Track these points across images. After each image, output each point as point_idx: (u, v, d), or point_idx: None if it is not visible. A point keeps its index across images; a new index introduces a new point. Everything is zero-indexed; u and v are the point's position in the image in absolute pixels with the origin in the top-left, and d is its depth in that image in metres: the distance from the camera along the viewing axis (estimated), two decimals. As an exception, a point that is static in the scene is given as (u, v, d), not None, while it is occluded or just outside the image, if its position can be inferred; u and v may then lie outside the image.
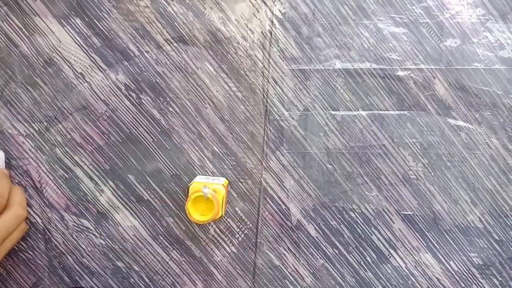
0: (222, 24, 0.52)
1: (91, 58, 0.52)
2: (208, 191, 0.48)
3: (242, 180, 0.55)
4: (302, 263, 0.56)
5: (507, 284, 0.56)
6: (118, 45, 0.52)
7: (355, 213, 0.55)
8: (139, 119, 0.53)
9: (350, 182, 0.54)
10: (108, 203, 0.55)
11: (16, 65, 0.52)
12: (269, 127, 0.54)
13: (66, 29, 0.52)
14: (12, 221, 0.47)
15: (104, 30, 0.52)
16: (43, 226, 0.55)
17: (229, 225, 0.56)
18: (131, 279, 0.57)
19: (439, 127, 0.53)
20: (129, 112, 0.53)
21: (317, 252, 0.56)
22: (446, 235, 0.55)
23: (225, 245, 0.56)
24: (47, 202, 0.55)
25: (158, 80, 0.53)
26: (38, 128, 0.53)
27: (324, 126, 0.53)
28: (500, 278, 0.56)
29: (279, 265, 0.56)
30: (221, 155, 0.54)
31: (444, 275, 0.56)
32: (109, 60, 0.52)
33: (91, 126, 0.54)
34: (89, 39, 0.52)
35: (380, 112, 0.53)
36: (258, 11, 0.51)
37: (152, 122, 0.53)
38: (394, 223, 0.55)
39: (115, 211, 0.55)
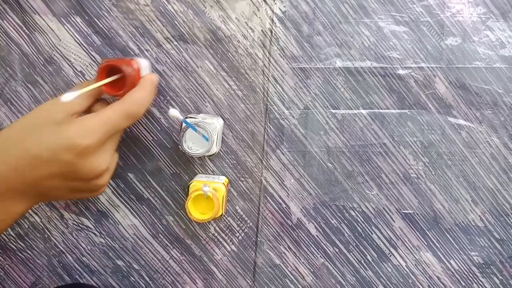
0: (222, 23, 0.51)
1: (91, 57, 0.52)
2: (208, 189, 0.48)
3: (242, 179, 0.55)
4: (303, 262, 0.56)
5: (508, 283, 0.56)
6: (118, 43, 0.52)
7: (356, 211, 0.55)
8: (139, 118, 0.53)
9: (350, 180, 0.54)
10: (108, 201, 0.55)
11: (16, 63, 0.52)
12: (269, 125, 0.54)
13: (66, 27, 0.52)
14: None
15: (104, 29, 0.52)
16: (43, 225, 0.55)
17: (229, 223, 0.55)
18: (131, 277, 0.56)
19: (439, 126, 0.53)
20: (129, 111, 0.53)
21: (318, 251, 0.56)
22: (447, 234, 0.55)
23: (225, 244, 0.56)
24: (47, 201, 0.55)
25: (158, 79, 0.52)
26: (38, 127, 0.53)
27: (325, 124, 0.53)
28: (500, 277, 0.56)
29: (279, 264, 0.56)
30: (221, 153, 0.54)
31: (445, 274, 0.56)
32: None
33: (91, 124, 0.53)
34: (89, 38, 0.52)
35: (380, 110, 0.53)
36: (258, 10, 0.51)
37: (152, 120, 0.53)
38: (394, 222, 0.55)
39: (115, 209, 0.55)
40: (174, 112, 0.44)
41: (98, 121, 0.41)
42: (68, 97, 0.39)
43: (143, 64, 0.48)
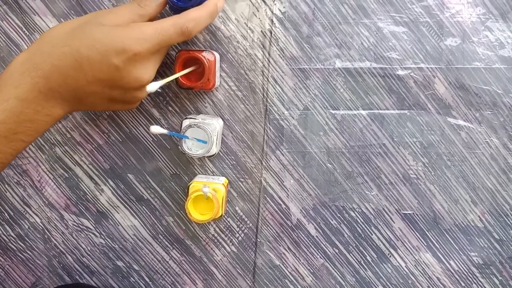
0: (222, 23, 0.51)
1: (91, 57, 0.52)
2: (208, 190, 0.48)
3: (242, 180, 0.55)
4: (302, 263, 0.56)
5: (507, 284, 0.56)
6: (118, 44, 0.52)
7: (355, 212, 0.55)
8: (139, 118, 0.53)
9: (350, 181, 0.54)
10: (108, 202, 0.55)
11: (15, 64, 0.52)
12: (269, 126, 0.54)
13: (66, 28, 0.52)
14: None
15: (104, 29, 0.52)
16: (43, 226, 0.55)
17: (229, 224, 0.55)
18: (131, 278, 0.56)
19: (439, 126, 0.53)
20: (129, 111, 0.53)
21: (317, 252, 0.56)
22: (446, 235, 0.55)
23: (225, 245, 0.56)
24: (46, 202, 0.55)
25: (157, 79, 0.52)
26: (38, 127, 0.53)
27: (324, 125, 0.53)
28: (500, 278, 0.56)
29: (279, 265, 0.56)
30: (221, 154, 0.54)
31: (444, 274, 0.56)
32: (109, 59, 0.52)
33: (91, 125, 0.53)
34: (89, 38, 0.52)
35: (380, 111, 0.53)
36: (258, 10, 0.51)
37: (152, 121, 0.53)
38: (394, 223, 0.55)
39: (115, 210, 0.55)
40: (155, 129, 0.43)
41: (154, 30, 0.40)
42: (152, 86, 0.40)
43: (217, 57, 0.50)
